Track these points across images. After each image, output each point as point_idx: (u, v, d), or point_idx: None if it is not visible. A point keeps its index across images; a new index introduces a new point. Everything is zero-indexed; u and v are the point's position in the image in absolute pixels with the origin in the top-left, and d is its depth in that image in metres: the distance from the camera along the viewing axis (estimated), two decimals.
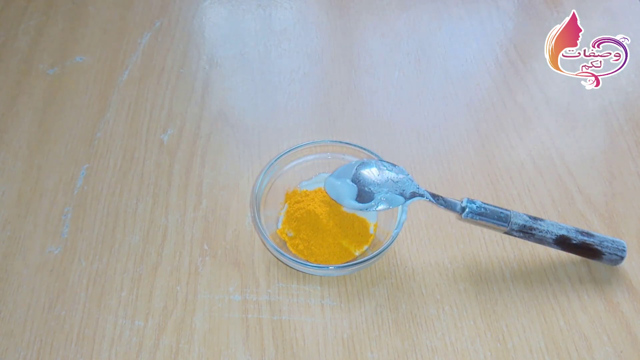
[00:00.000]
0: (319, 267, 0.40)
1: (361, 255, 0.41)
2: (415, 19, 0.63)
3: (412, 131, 0.52)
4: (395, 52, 0.60)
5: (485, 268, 0.42)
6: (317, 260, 0.41)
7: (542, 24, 0.62)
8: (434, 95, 0.55)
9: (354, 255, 0.41)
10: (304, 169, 0.46)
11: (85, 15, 0.63)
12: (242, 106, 0.54)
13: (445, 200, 0.40)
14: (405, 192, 0.40)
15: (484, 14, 0.64)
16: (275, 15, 0.64)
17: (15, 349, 0.38)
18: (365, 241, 0.42)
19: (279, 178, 0.44)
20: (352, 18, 0.63)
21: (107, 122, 0.52)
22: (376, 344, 0.39)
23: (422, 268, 0.42)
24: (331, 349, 0.38)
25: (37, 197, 0.47)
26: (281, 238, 0.42)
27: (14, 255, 0.43)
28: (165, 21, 0.62)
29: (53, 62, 0.58)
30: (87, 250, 0.43)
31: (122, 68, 0.57)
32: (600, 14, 0.63)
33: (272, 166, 0.42)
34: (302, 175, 0.46)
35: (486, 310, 0.40)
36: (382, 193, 0.39)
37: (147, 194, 0.47)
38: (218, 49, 0.60)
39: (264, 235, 0.39)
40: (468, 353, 0.38)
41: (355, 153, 0.44)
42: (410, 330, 0.39)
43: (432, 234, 0.44)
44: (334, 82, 0.57)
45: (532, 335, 0.39)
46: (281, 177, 0.44)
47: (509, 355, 0.38)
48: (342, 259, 0.41)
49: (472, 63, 0.59)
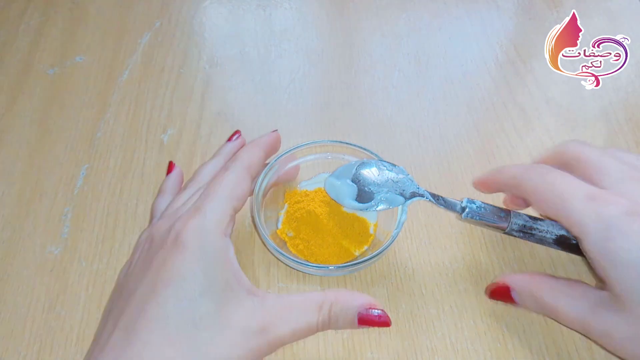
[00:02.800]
0: (319, 267, 0.40)
1: (361, 255, 0.41)
2: (415, 19, 0.63)
3: (412, 131, 0.52)
4: (395, 52, 0.60)
5: (485, 268, 0.42)
6: (317, 260, 0.41)
7: (542, 24, 0.62)
8: (434, 95, 0.55)
9: (354, 255, 0.41)
10: (304, 169, 0.46)
11: (85, 15, 0.63)
12: (242, 106, 0.54)
13: (445, 200, 0.40)
14: (405, 192, 0.40)
15: (484, 14, 0.64)
16: (275, 16, 0.64)
17: (15, 349, 0.38)
18: (366, 241, 0.42)
19: (279, 178, 0.44)
20: (352, 18, 0.63)
21: (107, 122, 0.52)
22: (376, 344, 0.39)
23: (422, 268, 0.42)
24: (331, 349, 0.38)
25: (37, 197, 0.47)
26: (281, 238, 0.42)
27: (14, 255, 0.43)
28: (166, 21, 0.62)
29: (53, 62, 0.58)
30: (87, 251, 0.43)
31: (122, 68, 0.57)
32: (600, 14, 0.63)
33: (272, 166, 0.42)
34: (302, 175, 0.46)
35: (486, 310, 0.40)
36: (382, 193, 0.40)
37: (148, 194, 0.47)
38: (218, 49, 0.60)
39: (264, 235, 0.39)
40: (468, 353, 0.38)
41: (355, 153, 0.44)
42: (410, 331, 0.39)
43: (432, 234, 0.44)
44: (334, 82, 0.57)
45: (533, 336, 0.39)
46: (281, 177, 0.44)
47: (510, 355, 0.38)
48: (342, 259, 0.41)
49: (472, 63, 0.59)
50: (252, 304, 0.31)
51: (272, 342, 0.31)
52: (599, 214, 0.32)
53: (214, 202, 0.34)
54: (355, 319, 0.32)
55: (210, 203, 0.34)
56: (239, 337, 0.30)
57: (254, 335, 0.30)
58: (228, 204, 0.35)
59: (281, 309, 0.32)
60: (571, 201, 0.33)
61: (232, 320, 0.30)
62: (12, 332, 0.39)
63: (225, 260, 0.32)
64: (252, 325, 0.30)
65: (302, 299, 0.32)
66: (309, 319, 0.32)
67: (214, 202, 0.34)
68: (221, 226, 0.33)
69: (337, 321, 0.32)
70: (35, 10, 0.63)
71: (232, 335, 0.30)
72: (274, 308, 0.31)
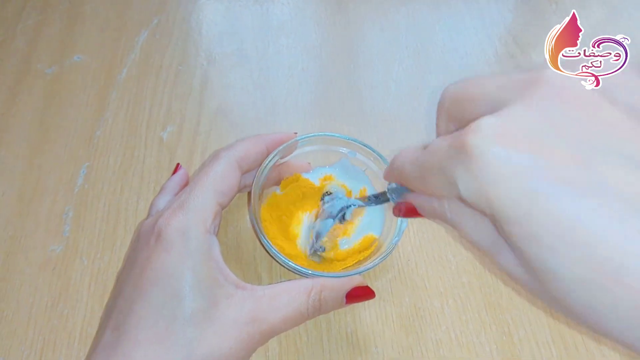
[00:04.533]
0: (319, 274, 0.36)
1: (359, 263, 0.40)
2: (414, 12, 0.63)
3: (411, 125, 0.52)
4: (394, 46, 0.59)
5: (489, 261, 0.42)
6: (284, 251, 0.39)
7: (541, 16, 0.62)
8: (434, 88, 0.55)
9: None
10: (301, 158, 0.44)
11: (83, 14, 0.63)
12: (241, 102, 0.54)
13: (375, 197, 0.36)
14: (332, 212, 0.39)
15: (483, 7, 0.64)
16: (272, 11, 0.63)
17: (18, 347, 0.38)
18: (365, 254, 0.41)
19: (276, 170, 0.43)
20: (350, 12, 0.63)
21: (106, 120, 0.52)
22: (380, 338, 0.38)
23: (425, 262, 0.42)
24: (335, 344, 0.38)
25: (38, 196, 0.46)
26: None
27: (16, 254, 0.43)
28: (163, 18, 0.62)
29: (51, 62, 0.57)
30: (89, 249, 0.43)
31: (121, 66, 0.57)
32: (601, 14, 0.62)
33: (272, 160, 0.41)
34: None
35: (491, 303, 0.40)
36: (316, 226, 0.40)
37: (148, 192, 0.47)
38: (216, 46, 0.60)
39: (260, 234, 0.38)
40: (474, 346, 0.38)
41: (349, 145, 0.43)
42: (414, 324, 0.39)
43: (435, 228, 0.44)
44: (333, 77, 0.56)
45: (539, 328, 0.39)
46: (279, 169, 0.43)
47: (515, 348, 0.38)
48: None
49: (472, 56, 0.58)
50: (241, 297, 0.31)
51: (264, 332, 0.31)
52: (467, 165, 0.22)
53: (197, 198, 0.33)
54: (344, 298, 0.33)
55: (194, 200, 0.33)
56: (230, 330, 0.30)
57: (245, 326, 0.30)
58: (212, 200, 0.34)
59: (271, 298, 0.32)
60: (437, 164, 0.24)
61: (223, 314, 0.30)
62: (15, 331, 0.39)
63: (210, 258, 0.32)
64: (243, 316, 0.30)
65: (290, 286, 0.33)
66: (299, 305, 0.32)
67: (198, 197, 0.33)
68: (205, 223, 0.32)
69: (327, 304, 0.33)
70: (32, 10, 0.63)
71: (223, 328, 0.30)
72: (264, 298, 0.31)
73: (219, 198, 0.34)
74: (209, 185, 0.34)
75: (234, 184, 0.35)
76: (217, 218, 0.34)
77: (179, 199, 0.34)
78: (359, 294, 0.34)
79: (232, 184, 0.35)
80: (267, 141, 0.39)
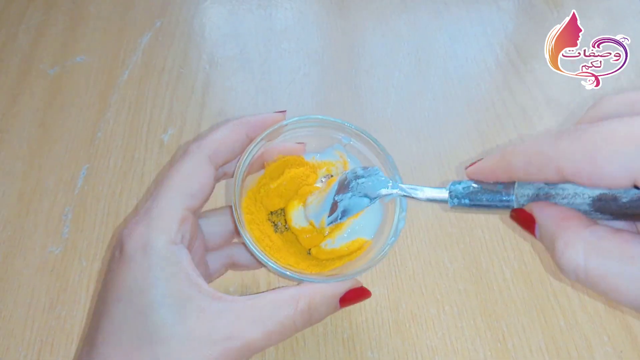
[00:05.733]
0: (313, 280, 0.33)
1: (349, 266, 0.38)
2: (416, 19, 0.63)
3: (412, 131, 0.52)
4: (395, 52, 0.60)
5: (485, 268, 0.42)
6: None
7: (542, 24, 0.62)
8: (434, 95, 0.56)
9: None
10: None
11: (86, 15, 0.63)
12: (242, 106, 0.54)
13: (425, 191, 0.34)
14: (370, 192, 0.35)
15: (484, 14, 0.64)
16: (275, 16, 0.64)
17: (16, 348, 0.38)
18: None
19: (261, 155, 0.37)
20: (352, 18, 0.63)
21: (107, 121, 0.52)
22: (376, 343, 0.39)
23: (422, 268, 0.43)
24: (331, 349, 0.38)
25: (38, 197, 0.47)
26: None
27: (15, 255, 0.43)
28: (166, 21, 0.62)
29: (53, 62, 0.58)
30: (88, 250, 0.43)
31: (123, 68, 0.57)
32: (600, 14, 0.63)
33: (255, 148, 0.35)
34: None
35: (486, 310, 0.40)
36: (345, 200, 0.35)
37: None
38: (218, 49, 0.60)
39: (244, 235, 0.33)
40: (468, 353, 0.38)
41: (344, 130, 0.40)
42: (411, 330, 0.39)
43: (432, 234, 0.44)
44: (334, 83, 0.57)
45: (533, 335, 0.39)
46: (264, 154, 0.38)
47: (509, 355, 0.38)
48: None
49: (473, 63, 0.59)
50: (216, 310, 0.28)
51: (242, 349, 0.28)
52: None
53: (160, 205, 0.30)
54: (338, 302, 0.31)
55: (156, 207, 0.29)
56: (202, 347, 0.27)
57: (220, 342, 0.27)
58: (178, 205, 0.30)
59: (251, 312, 0.28)
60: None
61: (195, 330, 0.27)
62: (12, 332, 0.39)
63: (178, 270, 0.29)
64: (217, 332, 0.28)
65: (275, 296, 0.29)
66: (284, 317, 0.29)
67: (160, 204, 0.30)
68: (169, 234, 0.29)
69: (319, 312, 0.30)
70: (35, 11, 0.63)
71: (194, 345, 0.27)
72: (243, 311, 0.28)
73: (188, 202, 0.30)
74: (174, 189, 0.30)
75: (205, 183, 0.31)
76: (186, 224, 0.30)
77: (145, 204, 0.31)
78: (354, 297, 0.31)
79: (202, 184, 0.31)
80: (247, 126, 0.34)
